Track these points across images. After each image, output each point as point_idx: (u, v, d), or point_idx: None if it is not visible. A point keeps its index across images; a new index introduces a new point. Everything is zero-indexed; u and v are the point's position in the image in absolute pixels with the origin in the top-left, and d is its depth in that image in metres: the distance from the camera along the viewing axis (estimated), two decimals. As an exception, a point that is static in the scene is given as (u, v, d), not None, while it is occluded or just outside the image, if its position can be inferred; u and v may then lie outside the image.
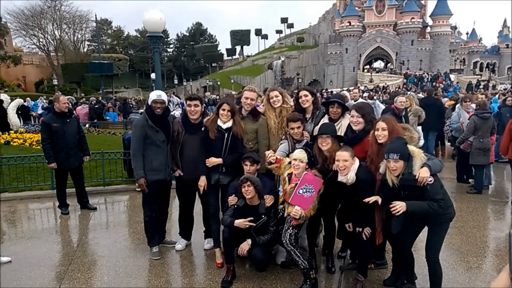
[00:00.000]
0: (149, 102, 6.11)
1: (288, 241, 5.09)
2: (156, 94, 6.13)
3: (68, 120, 8.30)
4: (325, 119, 5.80)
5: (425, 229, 4.83)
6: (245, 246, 5.35)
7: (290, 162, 5.27)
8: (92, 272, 5.87)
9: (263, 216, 5.36)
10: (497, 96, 20.24)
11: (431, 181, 4.34)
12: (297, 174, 5.13)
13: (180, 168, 6.22)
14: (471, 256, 6.18)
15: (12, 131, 16.64)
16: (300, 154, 5.14)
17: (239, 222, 5.25)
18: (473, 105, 11.17)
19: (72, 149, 8.34)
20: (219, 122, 5.84)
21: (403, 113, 10.18)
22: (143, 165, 6.02)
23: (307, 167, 5.15)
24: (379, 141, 4.81)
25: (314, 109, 6.06)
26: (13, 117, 17.25)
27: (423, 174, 4.32)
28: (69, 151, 8.29)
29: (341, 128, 5.64)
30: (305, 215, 5.04)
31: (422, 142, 10.12)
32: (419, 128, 10.70)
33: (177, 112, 12.95)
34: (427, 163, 4.40)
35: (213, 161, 5.87)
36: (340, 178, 4.87)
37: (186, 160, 6.15)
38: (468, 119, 9.91)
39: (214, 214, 6.16)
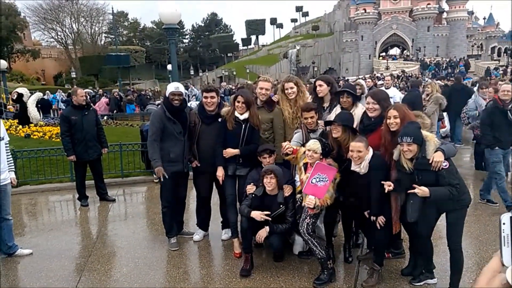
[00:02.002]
0: (167, 94, 6.15)
1: (305, 230, 5.09)
2: (174, 86, 6.16)
3: (86, 113, 8.36)
4: (337, 109, 5.76)
5: (443, 217, 4.80)
6: (262, 233, 5.36)
7: (305, 152, 5.26)
8: (111, 264, 5.95)
9: (281, 206, 5.36)
10: (515, 82, 19.84)
11: (446, 166, 4.33)
12: (312, 164, 5.13)
13: (197, 159, 6.27)
14: (490, 245, 6.11)
15: (32, 125, 16.85)
16: (314, 145, 5.10)
17: (255, 214, 5.26)
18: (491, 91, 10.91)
19: (90, 141, 8.39)
20: (236, 114, 5.85)
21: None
22: (160, 155, 6.03)
23: (321, 157, 5.13)
24: (392, 129, 4.77)
25: (332, 98, 6.00)
26: (32, 111, 17.42)
27: (437, 158, 4.31)
28: (87, 143, 8.35)
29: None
30: (320, 204, 5.01)
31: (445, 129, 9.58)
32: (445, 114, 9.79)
33: (193, 103, 12.96)
34: (441, 147, 4.39)
35: (230, 152, 5.88)
36: (354, 167, 4.88)
37: (203, 151, 6.19)
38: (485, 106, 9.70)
39: (231, 204, 6.16)
